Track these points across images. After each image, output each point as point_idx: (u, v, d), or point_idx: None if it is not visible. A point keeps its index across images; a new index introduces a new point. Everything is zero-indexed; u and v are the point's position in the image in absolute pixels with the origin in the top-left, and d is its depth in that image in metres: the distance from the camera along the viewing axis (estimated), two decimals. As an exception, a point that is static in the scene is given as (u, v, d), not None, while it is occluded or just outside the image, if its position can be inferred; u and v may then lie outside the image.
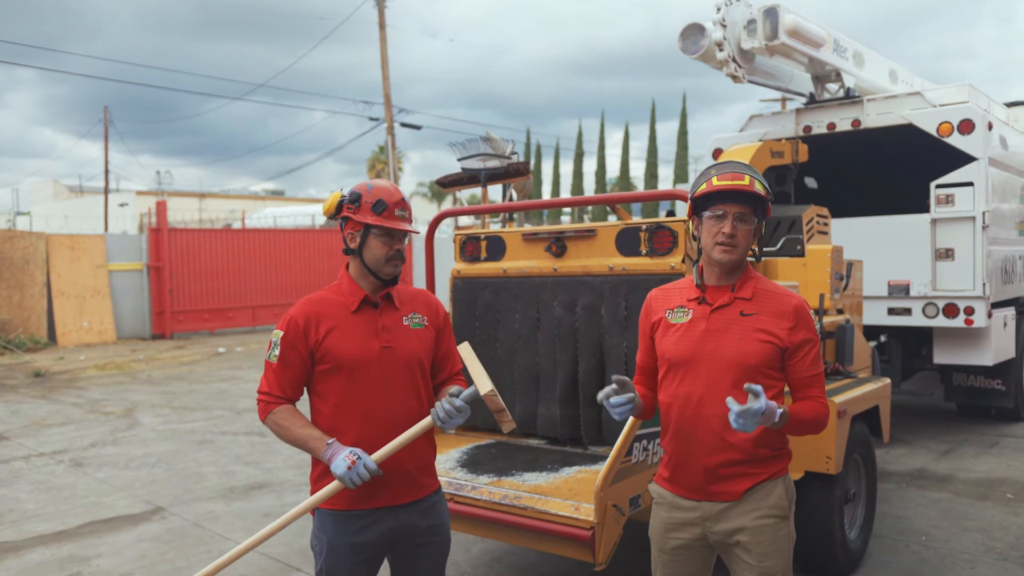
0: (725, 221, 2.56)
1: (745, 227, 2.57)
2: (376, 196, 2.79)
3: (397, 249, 2.79)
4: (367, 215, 2.78)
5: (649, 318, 2.80)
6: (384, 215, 2.77)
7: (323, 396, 2.83)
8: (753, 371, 2.54)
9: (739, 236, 2.56)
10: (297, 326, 2.80)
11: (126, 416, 10.54)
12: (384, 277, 2.82)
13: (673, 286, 2.81)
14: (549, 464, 4.20)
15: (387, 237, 2.78)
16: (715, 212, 2.58)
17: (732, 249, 2.56)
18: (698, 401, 2.58)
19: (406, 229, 2.79)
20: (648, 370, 2.84)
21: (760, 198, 2.59)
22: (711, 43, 7.25)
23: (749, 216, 2.58)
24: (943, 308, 7.91)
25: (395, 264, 2.80)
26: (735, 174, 2.57)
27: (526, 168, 5.46)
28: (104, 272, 20.91)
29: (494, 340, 4.87)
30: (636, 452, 3.56)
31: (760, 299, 2.61)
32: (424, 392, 2.91)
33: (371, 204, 2.77)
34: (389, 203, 2.78)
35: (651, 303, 2.82)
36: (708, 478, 2.60)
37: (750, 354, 2.54)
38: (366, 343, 2.80)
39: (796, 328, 2.57)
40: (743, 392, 2.53)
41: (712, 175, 2.60)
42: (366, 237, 2.80)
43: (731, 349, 2.55)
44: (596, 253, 4.50)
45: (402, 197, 2.82)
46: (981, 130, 7.67)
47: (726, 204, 2.57)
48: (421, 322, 2.92)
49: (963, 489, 6.66)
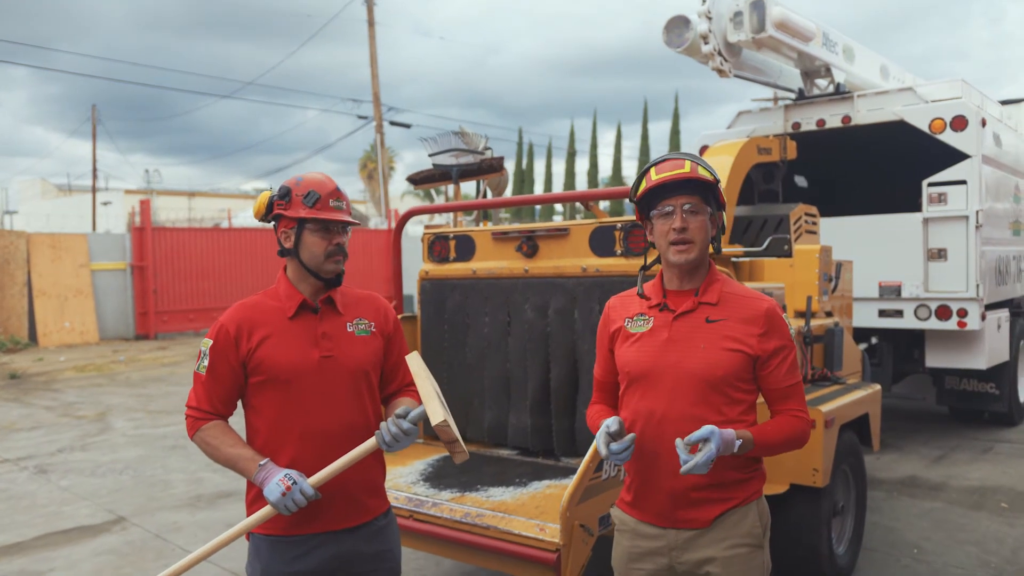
0: (674, 216, 2.33)
1: (698, 219, 2.33)
2: (307, 188, 2.54)
3: (337, 243, 2.55)
4: (299, 209, 2.53)
5: (607, 328, 2.56)
6: (317, 207, 2.52)
7: (258, 411, 2.59)
8: (720, 383, 2.30)
9: (692, 230, 2.32)
10: (227, 334, 2.55)
11: (98, 420, 10.26)
12: (325, 276, 2.57)
13: (631, 294, 2.57)
14: (517, 478, 3.95)
15: (324, 231, 2.54)
16: (662, 209, 2.36)
17: (688, 247, 2.32)
18: (661, 418, 2.34)
19: (343, 220, 2.54)
20: (607, 386, 2.61)
21: (708, 184, 2.35)
22: (696, 36, 7.02)
23: (700, 206, 2.34)
24: (935, 310, 7.69)
25: (336, 260, 2.56)
26: (674, 161, 2.35)
27: (500, 164, 5.21)
28: (87, 272, 20.59)
29: (463, 344, 4.62)
30: (607, 468, 3.32)
31: (727, 303, 2.36)
32: (371, 406, 2.66)
33: (302, 197, 2.53)
34: (322, 194, 2.53)
35: (609, 312, 2.58)
36: (674, 503, 2.35)
37: (716, 365, 2.29)
38: (304, 352, 2.55)
39: (768, 334, 2.32)
40: (708, 407, 2.29)
41: (650, 169, 2.38)
42: (301, 233, 2.55)
43: (696, 360, 2.31)
44: (569, 253, 4.26)
45: (336, 187, 2.58)
46: (974, 127, 7.45)
47: (671, 198, 2.34)
48: (367, 328, 2.67)
49: (956, 498, 6.44)
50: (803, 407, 2.36)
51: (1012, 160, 8.70)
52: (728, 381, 2.30)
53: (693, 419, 2.28)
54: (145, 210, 21.49)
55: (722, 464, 2.29)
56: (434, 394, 2.41)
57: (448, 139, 5.34)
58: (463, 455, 2.39)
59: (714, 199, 2.39)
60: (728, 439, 2.18)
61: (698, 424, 2.26)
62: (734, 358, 2.30)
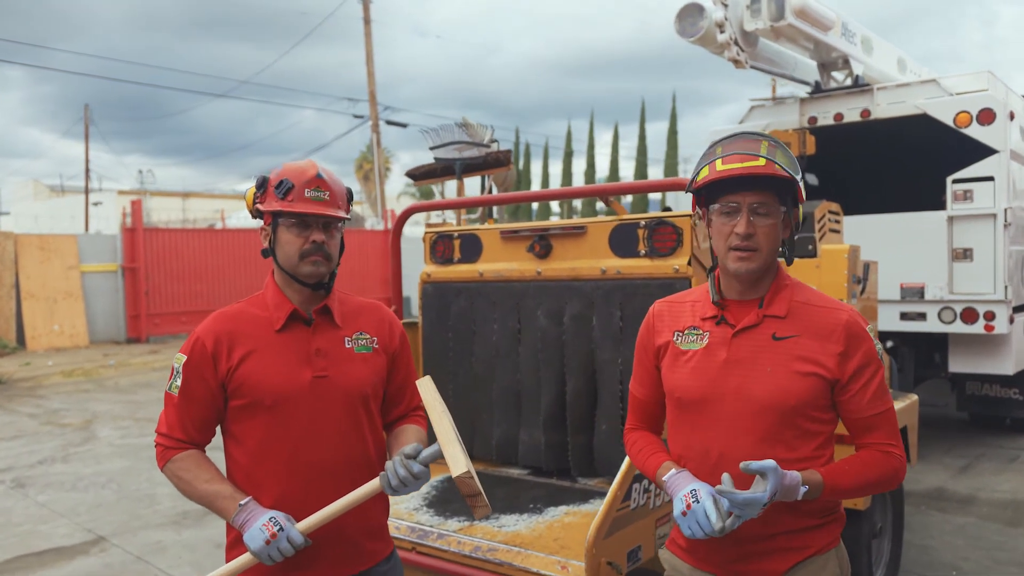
0: (738, 217, 1.92)
1: (767, 223, 1.93)
2: (281, 176, 2.16)
3: (315, 241, 2.15)
4: (272, 201, 2.15)
5: (652, 340, 2.16)
6: (290, 198, 2.14)
7: (239, 440, 2.21)
8: (792, 414, 1.91)
9: (759, 236, 1.92)
10: (204, 349, 2.17)
11: (83, 429, 9.85)
12: (302, 279, 2.18)
13: (683, 299, 2.16)
14: (532, 503, 3.57)
15: (299, 227, 2.15)
16: (725, 206, 1.95)
17: (751, 255, 1.93)
18: (719, 458, 1.95)
19: (318, 212, 2.14)
20: (650, 409, 2.22)
21: (785, 181, 1.94)
22: (711, 24, 6.63)
23: (772, 207, 1.93)
24: (961, 313, 7.31)
25: (314, 262, 2.16)
26: (745, 154, 1.92)
27: (507, 158, 4.83)
28: (76, 273, 20.19)
29: (469, 354, 4.23)
30: (635, 495, 2.93)
31: (798, 316, 1.96)
32: (371, 435, 2.28)
33: (275, 186, 2.15)
34: (297, 183, 2.14)
35: (654, 321, 2.18)
36: (737, 554, 1.97)
37: (787, 392, 1.90)
38: (294, 372, 2.17)
39: (849, 352, 1.92)
40: (777, 442, 1.91)
41: (716, 156, 1.95)
42: (276, 230, 2.17)
43: (762, 386, 1.92)
44: (586, 254, 3.87)
45: (316, 174, 2.17)
46: (1002, 120, 7.07)
47: (737, 194, 1.93)
48: (369, 344, 2.29)
49: (988, 512, 6.07)
50: (894, 440, 1.96)
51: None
52: (801, 411, 1.91)
53: (758, 458, 1.88)
54: (137, 211, 21.09)
55: (795, 510, 1.91)
56: (453, 436, 2.03)
57: (451, 131, 4.96)
58: (485, 509, 2.01)
59: (790, 196, 1.98)
60: (791, 485, 1.80)
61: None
62: (808, 383, 1.91)
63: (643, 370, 2.20)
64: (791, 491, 1.81)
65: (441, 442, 2.01)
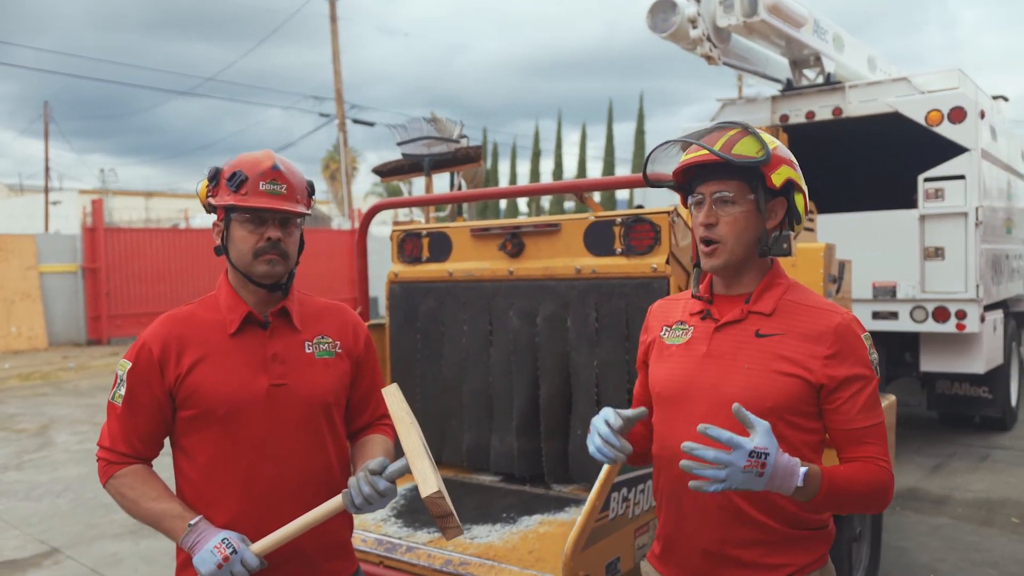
0: (702, 208, 1.86)
1: (731, 211, 1.82)
2: (235, 167, 2.00)
3: (270, 238, 1.99)
4: (225, 194, 1.99)
5: (645, 340, 2.08)
6: (244, 191, 1.97)
7: (189, 454, 2.04)
8: (768, 417, 1.73)
9: (721, 226, 1.82)
10: (150, 355, 2.00)
11: (39, 434, 9.54)
12: (257, 280, 2.02)
13: (679, 297, 2.08)
14: (505, 512, 3.42)
15: (254, 222, 1.99)
16: (695, 198, 1.89)
17: (713, 249, 1.83)
18: None
19: (275, 207, 1.98)
20: (646, 405, 2.10)
21: (745, 167, 1.80)
22: (683, 19, 6.56)
23: (739, 195, 1.81)
24: (933, 312, 7.29)
25: (269, 260, 2.00)
26: (710, 135, 1.85)
27: (477, 154, 4.68)
28: (35, 274, 19.70)
29: (438, 357, 4.07)
30: (614, 505, 2.80)
31: (786, 314, 1.84)
32: (333, 447, 2.12)
33: (227, 179, 1.99)
34: (251, 175, 1.98)
35: (649, 320, 2.10)
36: (710, 563, 1.84)
37: (763, 393, 1.77)
38: (248, 379, 2.00)
39: (838, 357, 1.78)
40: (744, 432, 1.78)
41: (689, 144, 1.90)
42: (229, 225, 2.01)
43: (736, 383, 1.80)
44: (560, 252, 3.73)
45: (272, 165, 2.01)
46: (973, 118, 7.06)
47: (702, 184, 1.86)
48: (331, 349, 2.13)
49: (963, 513, 6.03)
50: (884, 456, 1.80)
51: (1004, 155, 8.35)
52: (779, 414, 1.77)
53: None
54: (97, 210, 20.64)
55: (779, 515, 1.79)
56: (422, 450, 1.87)
57: (418, 126, 4.80)
58: (456, 531, 1.86)
59: (758, 182, 1.83)
60: (787, 466, 1.61)
61: None
62: (788, 385, 1.77)
63: (640, 371, 2.11)
64: (787, 473, 1.61)
65: (409, 457, 1.85)
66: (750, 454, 1.56)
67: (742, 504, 1.80)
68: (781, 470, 1.60)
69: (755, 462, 1.57)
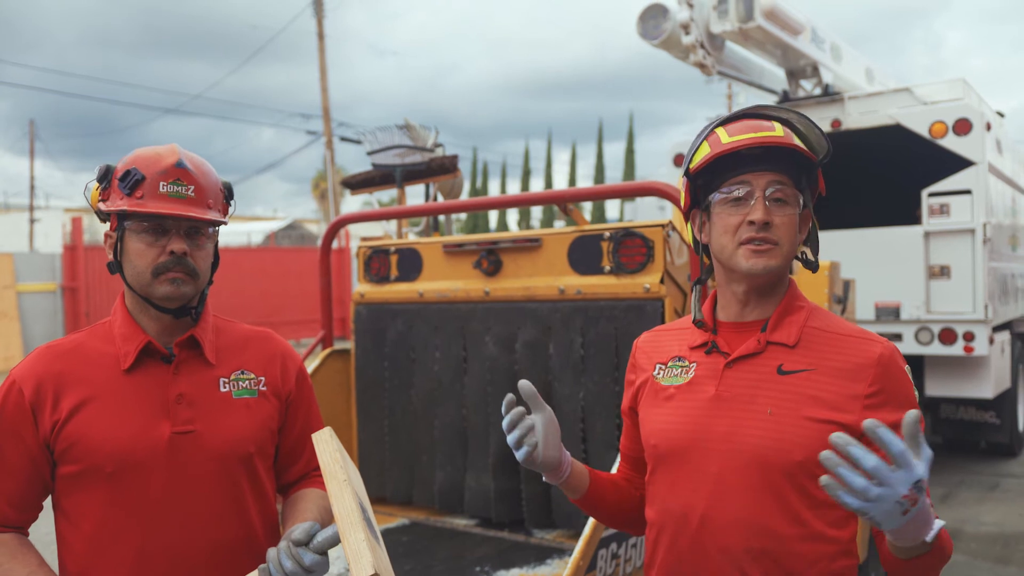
0: (751, 202, 1.46)
1: (786, 212, 1.47)
2: (130, 164, 1.61)
3: (172, 252, 1.61)
4: (117, 198, 1.60)
5: (632, 381, 1.69)
6: (139, 193, 1.59)
7: (72, 519, 1.64)
8: (798, 472, 1.42)
9: (778, 227, 1.46)
10: (21, 397, 1.61)
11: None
12: (158, 303, 1.64)
13: (671, 327, 1.70)
14: (479, 564, 3.02)
15: (152, 232, 1.61)
16: (731, 190, 1.48)
17: (770, 249, 1.46)
18: (700, 524, 1.48)
19: (179, 214, 1.60)
20: (635, 462, 1.75)
21: (806, 160, 1.50)
22: (675, 26, 6.24)
23: (791, 192, 1.48)
24: (939, 333, 6.92)
25: (173, 280, 1.62)
26: (756, 121, 1.48)
27: (453, 164, 4.31)
28: (12, 293, 19.25)
29: (408, 386, 3.68)
30: (602, 564, 2.41)
31: (814, 345, 1.49)
32: (256, 505, 1.73)
33: (119, 178, 1.60)
34: (148, 174, 1.60)
35: (636, 356, 1.71)
36: None
37: (793, 442, 1.42)
38: (145, 426, 1.62)
39: (880, 396, 1.42)
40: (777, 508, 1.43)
41: (717, 127, 1.51)
42: (123, 237, 1.62)
43: (759, 432, 1.45)
44: (542, 270, 3.35)
45: (176, 162, 1.63)
46: (979, 131, 6.73)
47: (747, 173, 1.47)
48: (253, 387, 1.74)
49: (977, 549, 5.64)
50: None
51: (1009, 170, 8.04)
52: (811, 470, 1.41)
53: (752, 528, 1.43)
54: (77, 228, 20.22)
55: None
56: (358, 515, 1.47)
57: (391, 134, 4.43)
58: None
59: (809, 182, 1.52)
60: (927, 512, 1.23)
61: (759, 537, 1.42)
62: (823, 433, 1.38)
63: (627, 420, 1.72)
64: (925, 520, 1.23)
65: (340, 526, 1.45)
66: (916, 483, 1.16)
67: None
68: (923, 514, 1.22)
69: (912, 495, 1.16)
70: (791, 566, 1.42)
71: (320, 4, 27.63)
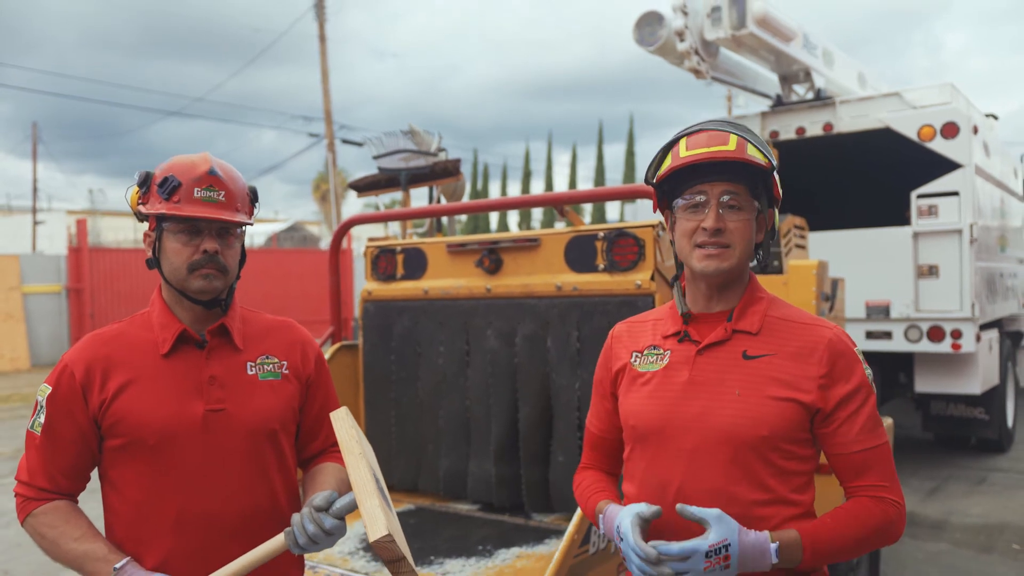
0: (706, 210, 1.65)
1: (740, 217, 1.66)
2: (167, 172, 1.81)
3: (205, 251, 1.80)
4: (156, 202, 1.80)
5: (609, 367, 1.87)
6: (176, 198, 1.78)
7: (118, 488, 1.84)
8: (764, 446, 1.61)
9: (731, 231, 1.65)
10: (73, 379, 1.80)
11: (14, 458, 9.26)
12: (192, 295, 1.83)
13: (645, 318, 1.88)
14: (480, 544, 3.21)
15: (187, 233, 1.80)
16: (691, 199, 1.67)
17: (722, 252, 1.65)
18: (676, 494, 1.65)
19: (211, 217, 1.80)
20: (605, 446, 1.93)
21: (759, 169, 1.67)
22: (670, 33, 6.43)
23: (745, 200, 1.67)
24: (927, 331, 7.12)
25: (206, 275, 1.82)
26: (713, 135, 1.66)
27: (456, 167, 4.50)
28: (18, 295, 19.42)
29: (413, 379, 3.88)
30: (594, 539, 2.60)
31: (774, 332, 1.68)
32: (280, 479, 1.92)
33: (158, 184, 1.80)
34: (185, 181, 1.79)
35: (612, 345, 1.89)
36: None
37: (760, 419, 1.61)
38: (182, 404, 1.81)
39: (834, 376, 1.63)
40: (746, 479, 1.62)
41: (679, 140, 1.69)
42: (161, 236, 1.82)
43: (729, 412, 1.64)
44: (540, 268, 3.55)
45: (208, 170, 1.82)
46: (966, 134, 6.93)
47: (705, 183, 1.66)
48: (277, 370, 1.94)
49: (961, 538, 5.83)
50: (890, 481, 1.65)
51: (997, 172, 8.24)
52: (775, 444, 1.62)
53: (724, 496, 1.62)
54: (82, 230, 20.40)
55: None
56: (372, 484, 1.68)
57: (396, 139, 4.63)
58: (411, 575, 1.67)
59: (766, 191, 1.71)
60: (755, 544, 1.53)
61: (730, 504, 1.60)
62: (783, 410, 1.62)
63: (599, 400, 1.91)
64: (757, 553, 1.52)
65: (357, 494, 1.66)
66: (707, 555, 1.49)
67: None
68: (749, 552, 1.52)
69: (716, 559, 1.49)
70: (759, 528, 1.61)
71: (322, 7, 27.75)
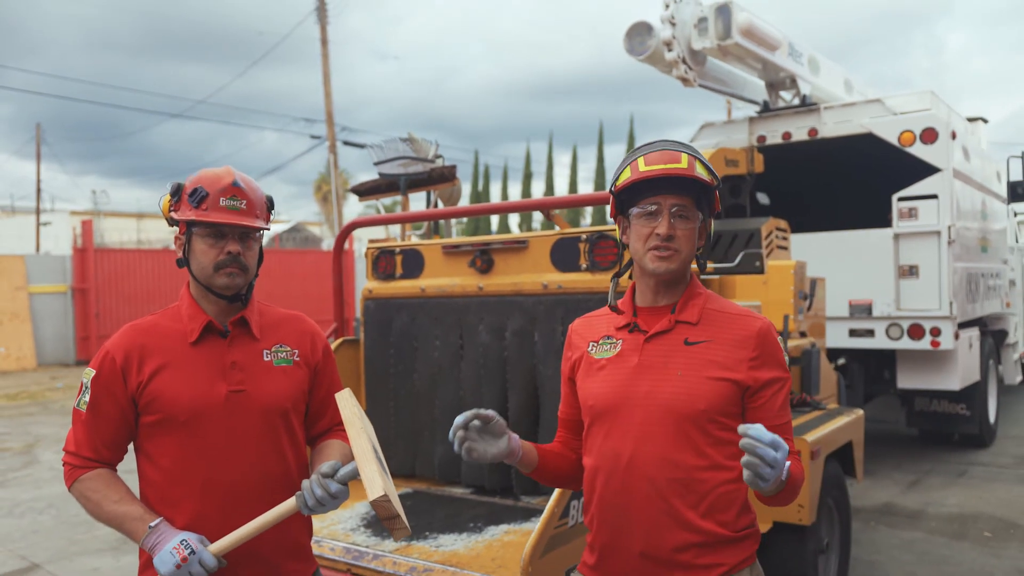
0: (659, 218, 1.91)
1: (686, 226, 1.92)
2: (196, 183, 2.09)
3: (229, 252, 2.08)
4: (186, 210, 2.08)
5: (569, 357, 2.15)
6: (204, 206, 2.06)
7: (151, 458, 2.12)
8: (702, 419, 1.87)
9: (679, 237, 1.91)
10: (114, 363, 2.08)
11: (25, 453, 9.56)
12: (218, 291, 2.11)
13: (600, 313, 2.16)
14: (472, 522, 3.49)
15: (213, 237, 2.08)
16: (645, 208, 1.93)
17: (671, 255, 1.91)
18: (629, 462, 1.91)
19: (235, 223, 2.07)
20: (571, 424, 2.19)
21: (705, 186, 1.94)
22: (659, 43, 6.70)
23: (691, 210, 1.93)
24: (908, 329, 7.40)
25: (229, 273, 2.09)
26: (668, 153, 1.92)
27: (452, 173, 4.78)
28: (24, 294, 19.70)
29: (411, 370, 4.16)
30: (573, 512, 2.88)
31: (711, 323, 1.95)
32: (291, 451, 2.20)
33: (188, 194, 2.08)
34: (211, 191, 2.07)
35: (571, 337, 2.16)
36: (646, 567, 1.91)
37: (697, 396, 1.87)
38: (208, 386, 2.09)
39: (760, 360, 1.91)
40: (687, 447, 1.88)
41: (638, 157, 1.95)
42: (190, 239, 2.10)
43: (671, 390, 1.90)
44: (528, 268, 3.83)
45: (232, 182, 2.10)
46: (945, 139, 7.21)
47: (659, 195, 1.92)
48: (289, 357, 2.22)
49: (936, 527, 6.10)
50: (795, 448, 1.94)
51: (979, 175, 8.50)
52: (712, 416, 1.88)
53: (668, 463, 1.88)
54: (87, 231, 20.69)
55: (713, 517, 1.88)
56: (372, 454, 1.96)
57: (395, 146, 4.91)
58: (404, 532, 1.95)
59: (707, 204, 1.98)
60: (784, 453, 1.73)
61: (674, 469, 1.87)
62: (719, 388, 1.88)
63: (566, 388, 2.18)
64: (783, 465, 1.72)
65: (358, 461, 1.94)
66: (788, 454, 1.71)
67: (687, 512, 1.87)
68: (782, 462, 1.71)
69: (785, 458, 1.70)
70: (699, 489, 1.88)
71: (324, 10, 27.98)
